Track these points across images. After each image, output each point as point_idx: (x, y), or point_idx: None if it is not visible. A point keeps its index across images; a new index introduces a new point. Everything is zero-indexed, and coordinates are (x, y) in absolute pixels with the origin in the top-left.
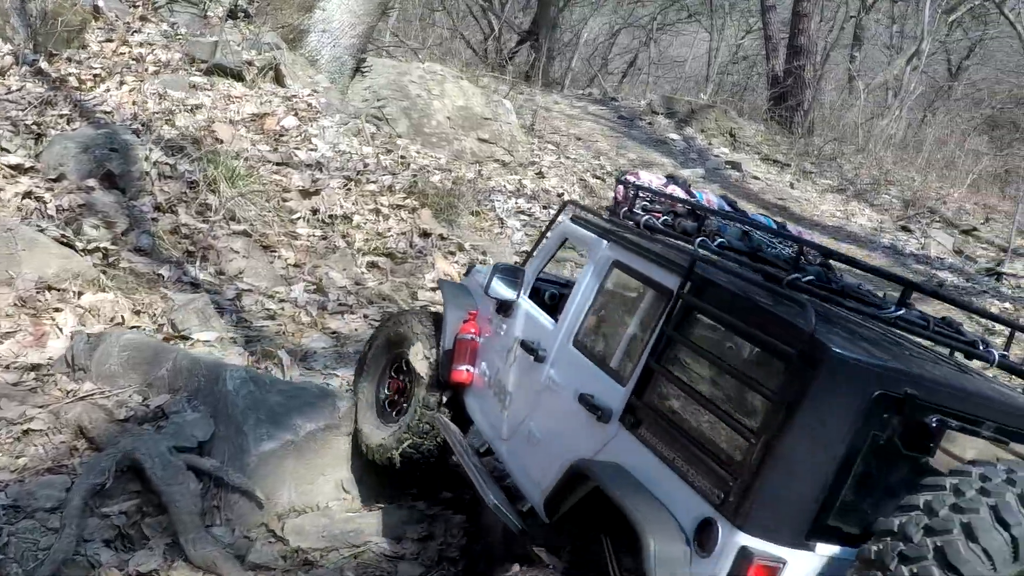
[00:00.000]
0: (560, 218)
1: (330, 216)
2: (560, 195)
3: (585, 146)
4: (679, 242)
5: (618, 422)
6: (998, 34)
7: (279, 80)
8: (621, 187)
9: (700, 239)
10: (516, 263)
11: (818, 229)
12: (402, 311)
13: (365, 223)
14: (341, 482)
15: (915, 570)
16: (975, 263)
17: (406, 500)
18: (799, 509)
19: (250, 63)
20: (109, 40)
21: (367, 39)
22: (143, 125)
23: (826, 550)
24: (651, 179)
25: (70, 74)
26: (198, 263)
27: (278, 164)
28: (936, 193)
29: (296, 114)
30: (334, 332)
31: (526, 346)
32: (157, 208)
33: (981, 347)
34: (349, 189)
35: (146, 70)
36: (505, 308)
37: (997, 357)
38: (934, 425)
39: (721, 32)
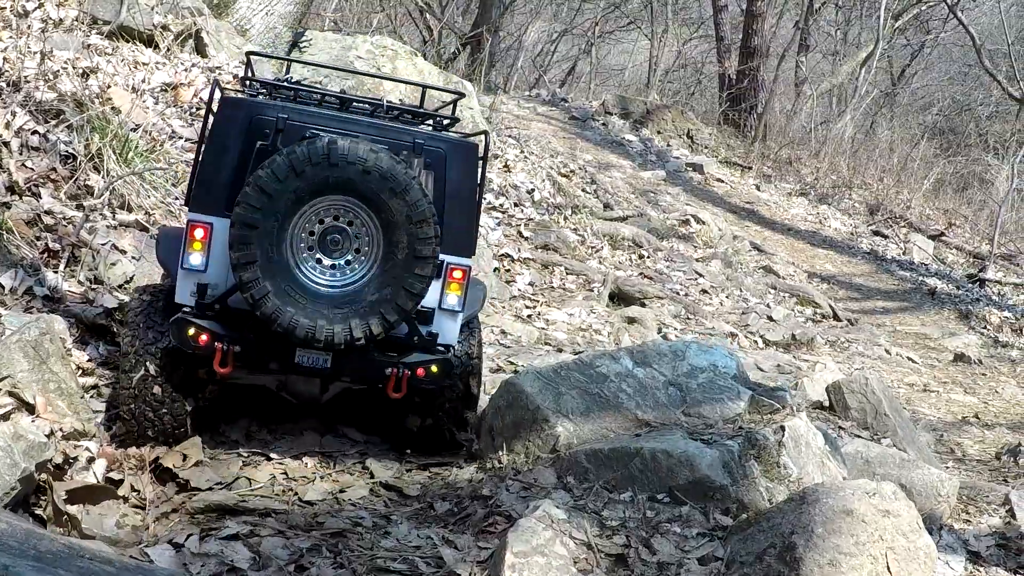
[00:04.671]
0: None
1: None
2: (531, 191)
3: (539, 145)
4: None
5: None
6: (942, 40)
7: (200, 50)
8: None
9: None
10: None
11: (792, 234)
12: None
13: None
14: None
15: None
16: (951, 269)
17: None
18: (218, 193)
19: (165, 28)
20: None
21: (306, 8)
22: (9, 84)
23: None
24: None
25: None
26: (63, 266)
27: (192, 141)
28: (897, 198)
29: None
30: None
31: None
32: (11, 189)
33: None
34: None
35: (29, 27)
36: None
37: (384, 107)
38: (308, 135)
39: (663, 38)
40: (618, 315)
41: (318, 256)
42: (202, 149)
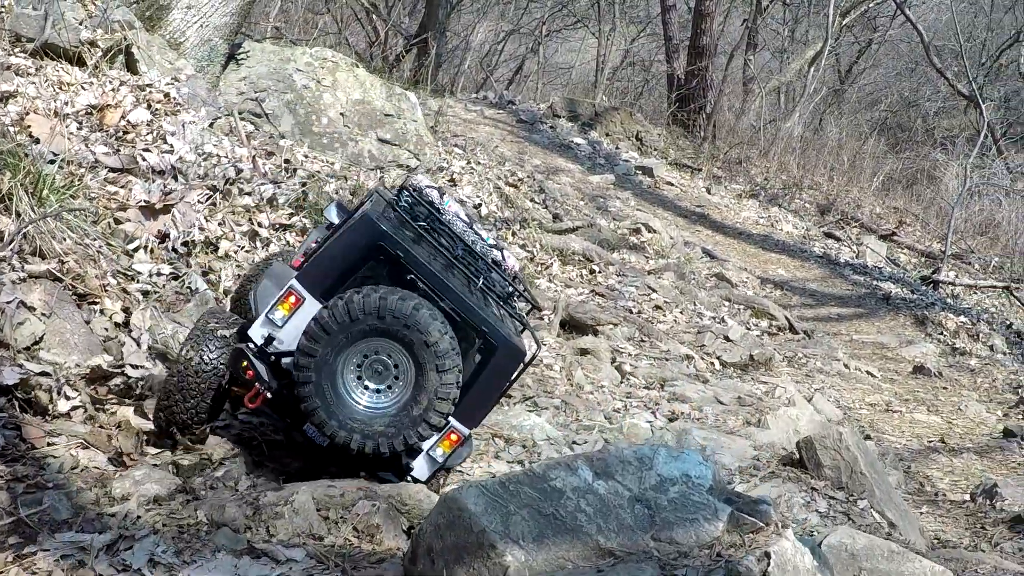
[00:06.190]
0: None
1: (185, 244)
2: (477, 206)
3: (487, 152)
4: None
5: None
6: (890, 37)
7: (131, 66)
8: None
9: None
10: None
11: (744, 238)
12: None
13: (237, 251)
14: None
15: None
16: (905, 271)
17: None
18: (323, 279)
19: (93, 43)
20: None
21: (243, 19)
22: None
23: None
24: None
25: None
26: None
27: (116, 170)
28: (847, 198)
29: (149, 107)
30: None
31: None
32: None
33: (478, 279)
34: (215, 204)
35: None
36: None
37: (480, 282)
38: (408, 275)
39: (611, 37)
40: (570, 347)
41: (359, 375)
42: (332, 238)
